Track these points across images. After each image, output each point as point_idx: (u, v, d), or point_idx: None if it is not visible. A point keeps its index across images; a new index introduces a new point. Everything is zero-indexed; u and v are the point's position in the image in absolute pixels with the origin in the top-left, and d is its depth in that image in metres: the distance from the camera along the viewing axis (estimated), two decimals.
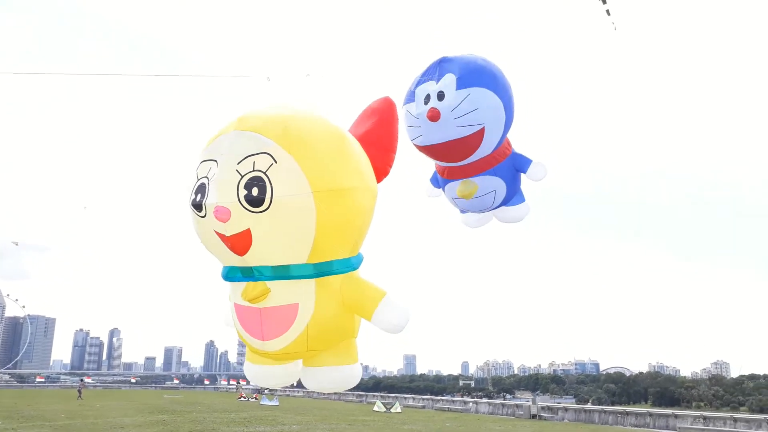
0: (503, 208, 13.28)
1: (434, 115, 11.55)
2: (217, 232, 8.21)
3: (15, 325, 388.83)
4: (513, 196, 13.26)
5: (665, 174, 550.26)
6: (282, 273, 8.52)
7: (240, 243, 8.13)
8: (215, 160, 8.21)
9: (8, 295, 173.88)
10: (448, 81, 11.82)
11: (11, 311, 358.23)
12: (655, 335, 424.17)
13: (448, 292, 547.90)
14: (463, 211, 13.64)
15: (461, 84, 11.64)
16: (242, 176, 7.80)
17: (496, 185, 12.75)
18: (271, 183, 7.81)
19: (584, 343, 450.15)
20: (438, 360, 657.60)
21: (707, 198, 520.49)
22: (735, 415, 31.07)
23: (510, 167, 12.90)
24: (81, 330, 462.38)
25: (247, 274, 8.65)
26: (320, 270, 8.66)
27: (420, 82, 12.18)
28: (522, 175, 13.42)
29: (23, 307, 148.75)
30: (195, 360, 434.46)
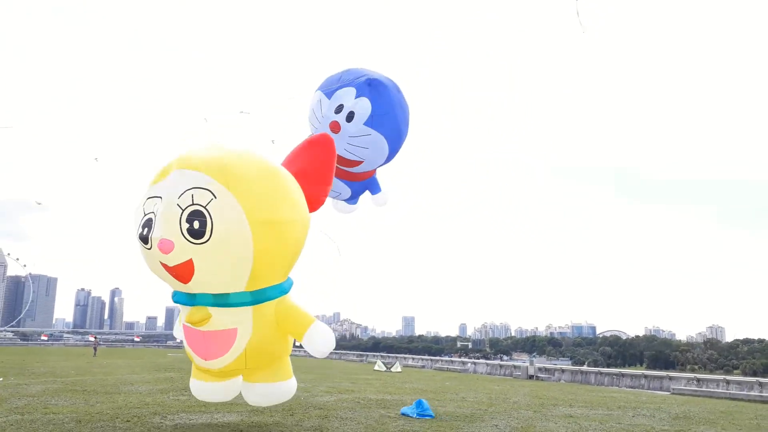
0: (337, 201, 15.17)
1: (335, 129, 12.81)
2: (161, 263, 8.99)
3: (17, 285, 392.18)
4: (352, 199, 15.16)
5: (660, 143, 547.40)
6: (222, 301, 9.38)
7: (183, 272, 8.91)
8: (160, 197, 8.91)
9: (9, 254, 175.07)
10: (364, 108, 12.83)
11: (13, 270, 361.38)
12: (651, 299, 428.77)
13: (447, 254, 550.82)
14: (333, 196, 15.07)
15: (370, 122, 12.82)
16: (183, 210, 8.57)
17: (345, 192, 14.56)
18: (211, 217, 8.62)
19: (581, 306, 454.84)
20: (436, 322, 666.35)
21: (700, 167, 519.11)
22: (728, 377, 31.81)
23: (363, 186, 14.71)
24: (82, 290, 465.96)
25: (192, 299, 9.43)
26: (257, 297, 9.54)
27: (345, 83, 13.17)
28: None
29: (24, 266, 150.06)
30: None
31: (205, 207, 8.61)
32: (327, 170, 11.07)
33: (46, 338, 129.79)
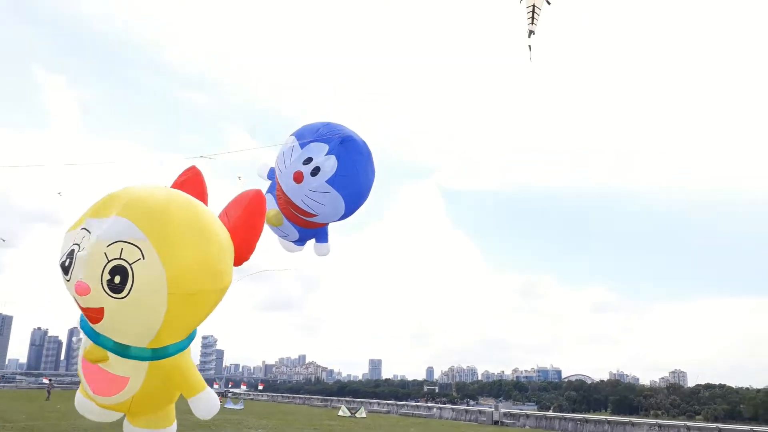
0: (283, 240, 15.21)
1: (297, 179, 13.19)
2: (75, 298, 9.07)
3: None
4: (300, 241, 15.24)
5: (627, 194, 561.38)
6: (121, 350, 9.49)
7: (92, 316, 9.03)
8: (90, 232, 8.97)
9: None
10: (330, 166, 13.28)
11: None
12: (615, 344, 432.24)
13: (414, 296, 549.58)
14: (279, 235, 15.30)
15: (332, 180, 13.18)
16: (109, 261, 8.60)
17: (293, 234, 14.77)
18: (133, 275, 8.64)
19: (547, 350, 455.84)
20: (403, 365, 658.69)
21: (661, 214, 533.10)
22: (689, 423, 32.19)
23: (311, 234, 14.95)
24: (39, 329, 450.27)
25: (93, 336, 9.51)
26: (156, 354, 9.67)
27: (320, 138, 13.69)
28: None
29: None
30: None
31: (130, 265, 8.67)
32: (256, 227, 11.32)
33: None
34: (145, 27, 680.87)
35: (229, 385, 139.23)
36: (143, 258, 8.45)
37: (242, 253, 11.16)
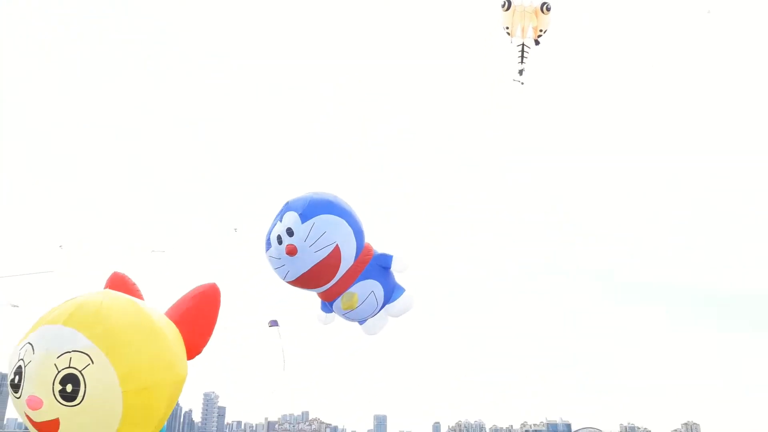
0: (388, 306, 14.80)
1: (291, 250, 12.97)
2: (27, 415, 9.00)
3: None
4: (392, 290, 15.02)
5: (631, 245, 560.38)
6: None
7: (47, 429, 8.99)
8: (37, 350, 9.04)
9: None
10: (293, 218, 13.26)
11: None
12: (626, 394, 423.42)
13: (419, 349, 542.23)
14: (361, 323, 15.06)
15: (304, 217, 13.17)
16: (59, 371, 8.71)
17: (373, 287, 14.38)
18: (85, 381, 8.72)
19: (556, 402, 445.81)
20: (409, 420, 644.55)
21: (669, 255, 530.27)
22: None
23: (376, 267, 14.44)
24: None
25: None
26: None
27: (270, 228, 13.67)
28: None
29: None
30: None
31: (80, 371, 8.84)
32: (210, 319, 11.45)
33: None
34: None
35: None
36: (92, 363, 8.68)
37: (194, 345, 11.15)
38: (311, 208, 13.27)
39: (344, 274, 13.87)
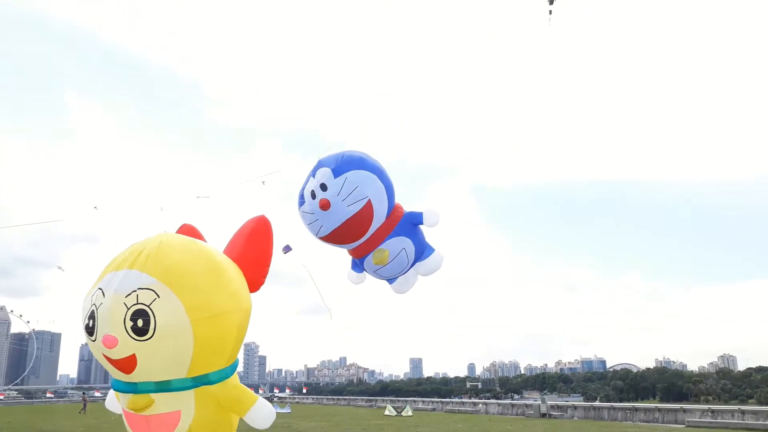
0: (418, 264, 14.94)
1: (325, 204, 13.09)
2: (104, 355, 9.60)
3: (21, 342, 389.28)
4: (423, 248, 15.36)
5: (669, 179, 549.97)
6: (164, 387, 9.93)
7: (126, 365, 9.52)
8: (106, 293, 9.58)
9: (12, 311, 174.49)
10: (326, 174, 13.39)
11: (17, 327, 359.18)
12: (661, 331, 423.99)
13: (453, 293, 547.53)
14: (390, 281, 15.39)
15: (337, 172, 13.26)
16: (128, 309, 9.06)
17: (404, 243, 14.36)
18: (154, 315, 9.09)
19: (590, 341, 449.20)
20: (444, 362, 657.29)
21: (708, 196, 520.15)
22: (743, 407, 31.51)
23: (408, 224, 14.54)
24: (86, 345, 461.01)
25: (131, 387, 9.97)
26: (198, 381, 10.08)
27: (303, 185, 13.87)
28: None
29: (27, 323, 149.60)
30: None
31: (148, 306, 9.42)
32: (265, 253, 11.95)
33: (51, 396, 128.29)
34: (170, 48, 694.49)
35: (275, 391, 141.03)
36: (158, 297, 9.11)
37: (255, 278, 11.69)
38: (343, 164, 13.63)
39: (376, 230, 14.25)
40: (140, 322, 8.86)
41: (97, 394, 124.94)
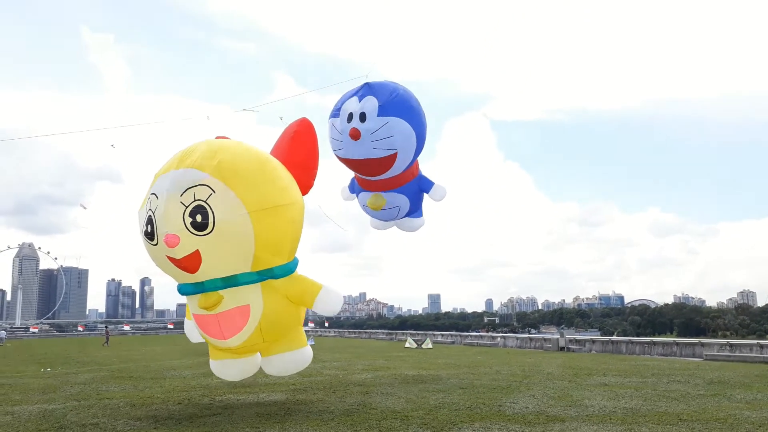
0: (403, 220, 15.30)
1: (355, 134, 12.91)
2: (168, 257, 9.62)
3: (50, 278, 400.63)
4: (414, 211, 15.29)
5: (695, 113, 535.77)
6: (231, 282, 10.01)
7: (190, 263, 9.56)
8: (160, 195, 9.54)
9: (39, 248, 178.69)
10: (371, 104, 13.03)
11: (45, 264, 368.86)
12: (680, 267, 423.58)
13: (471, 230, 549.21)
14: (386, 219, 15.46)
15: (382, 111, 12.92)
16: (186, 207, 9.24)
17: (402, 202, 14.84)
18: (212, 209, 9.19)
19: (608, 277, 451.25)
20: (462, 298, 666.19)
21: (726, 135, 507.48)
22: (761, 341, 31.70)
23: (415, 187, 14.98)
24: (113, 280, 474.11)
25: (199, 287, 10.03)
26: (263, 275, 10.15)
27: (345, 99, 13.50)
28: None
29: (55, 259, 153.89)
30: None
31: (205, 201, 9.42)
32: (311, 155, 11.91)
33: (82, 329, 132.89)
34: None
35: None
36: (214, 192, 9.16)
37: (306, 181, 11.54)
38: (392, 105, 13.28)
39: (387, 179, 14.15)
40: (199, 218, 8.95)
41: (126, 327, 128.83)
